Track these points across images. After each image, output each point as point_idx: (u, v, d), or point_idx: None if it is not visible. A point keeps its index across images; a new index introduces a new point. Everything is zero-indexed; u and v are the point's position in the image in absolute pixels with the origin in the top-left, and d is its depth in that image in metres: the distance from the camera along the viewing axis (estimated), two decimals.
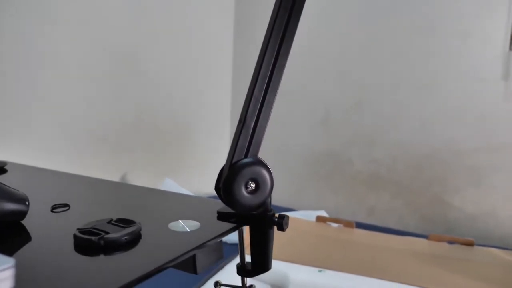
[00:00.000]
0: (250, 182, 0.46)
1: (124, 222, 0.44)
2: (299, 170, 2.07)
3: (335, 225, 1.46)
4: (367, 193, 1.93)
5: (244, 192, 0.46)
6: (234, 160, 0.46)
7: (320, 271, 1.09)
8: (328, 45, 1.97)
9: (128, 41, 1.64)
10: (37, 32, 1.32)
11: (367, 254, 1.22)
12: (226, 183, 0.46)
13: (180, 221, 0.48)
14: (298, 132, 2.07)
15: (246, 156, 0.47)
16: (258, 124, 0.47)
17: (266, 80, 0.47)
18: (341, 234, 1.39)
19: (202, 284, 0.94)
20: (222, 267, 1.01)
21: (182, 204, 0.58)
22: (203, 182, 1.98)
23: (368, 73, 1.90)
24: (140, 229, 0.43)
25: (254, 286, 0.56)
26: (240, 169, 0.46)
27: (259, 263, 0.50)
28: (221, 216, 0.50)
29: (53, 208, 0.52)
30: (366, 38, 1.90)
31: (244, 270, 0.53)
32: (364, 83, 1.91)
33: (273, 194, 0.47)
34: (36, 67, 1.33)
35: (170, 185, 1.70)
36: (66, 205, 0.53)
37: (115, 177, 1.64)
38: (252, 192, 0.46)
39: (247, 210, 0.47)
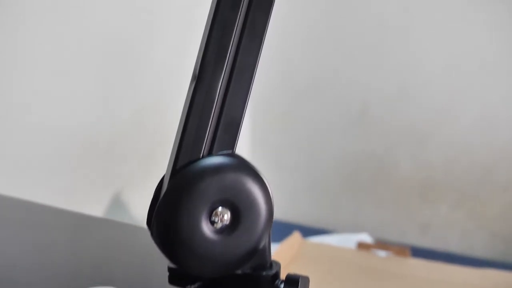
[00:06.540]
0: (219, 209, 0.24)
1: None
2: (332, 179, 1.85)
3: (382, 253, 1.22)
4: (420, 205, 1.71)
5: (205, 230, 0.24)
6: (181, 162, 0.25)
7: None
8: (362, 23, 1.75)
9: (124, 27, 1.41)
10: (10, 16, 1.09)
11: None
12: (161, 214, 0.24)
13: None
14: (328, 132, 1.85)
15: (210, 153, 0.25)
16: (231, 86, 0.25)
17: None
18: (392, 266, 1.17)
19: None
20: None
21: None
22: None
23: (414, 53, 1.69)
24: None
25: None
26: (194, 181, 0.24)
27: None
28: (174, 278, 0.27)
29: None
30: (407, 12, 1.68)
31: None
32: (409, 67, 1.70)
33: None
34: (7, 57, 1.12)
35: None
36: None
37: (104, 196, 1.35)
38: (225, 230, 0.25)
39: (215, 271, 0.25)
